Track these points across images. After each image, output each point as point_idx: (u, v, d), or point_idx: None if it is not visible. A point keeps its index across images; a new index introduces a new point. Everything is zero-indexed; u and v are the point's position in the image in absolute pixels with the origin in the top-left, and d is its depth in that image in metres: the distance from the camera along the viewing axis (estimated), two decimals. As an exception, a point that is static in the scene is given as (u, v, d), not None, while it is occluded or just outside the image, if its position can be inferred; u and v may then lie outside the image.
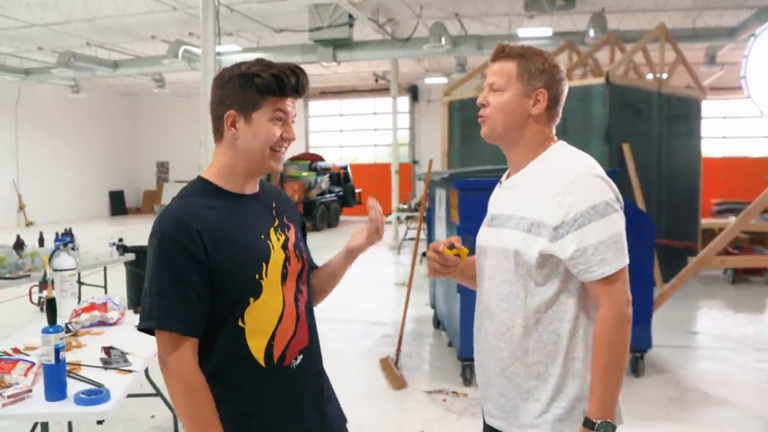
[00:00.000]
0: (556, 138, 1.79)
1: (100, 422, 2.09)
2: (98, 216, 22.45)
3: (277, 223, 1.70)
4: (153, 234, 1.54)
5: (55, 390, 2.12)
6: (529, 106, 1.72)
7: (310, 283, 1.76)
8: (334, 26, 11.75)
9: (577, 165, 1.67)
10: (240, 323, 1.56)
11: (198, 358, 1.54)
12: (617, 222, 1.62)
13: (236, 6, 11.60)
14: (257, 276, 1.57)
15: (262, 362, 1.58)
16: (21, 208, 19.22)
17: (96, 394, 2.13)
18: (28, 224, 18.74)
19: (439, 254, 1.81)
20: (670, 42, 9.29)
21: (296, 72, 1.59)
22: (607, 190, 1.63)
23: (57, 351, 2.09)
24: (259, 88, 1.56)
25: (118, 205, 23.66)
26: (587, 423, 1.58)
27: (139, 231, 16.26)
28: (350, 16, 11.63)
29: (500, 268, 1.73)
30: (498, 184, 1.89)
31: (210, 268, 1.51)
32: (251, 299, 1.56)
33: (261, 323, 1.58)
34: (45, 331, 2.08)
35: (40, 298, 7.17)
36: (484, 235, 1.84)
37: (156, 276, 1.51)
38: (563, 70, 1.76)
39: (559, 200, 1.61)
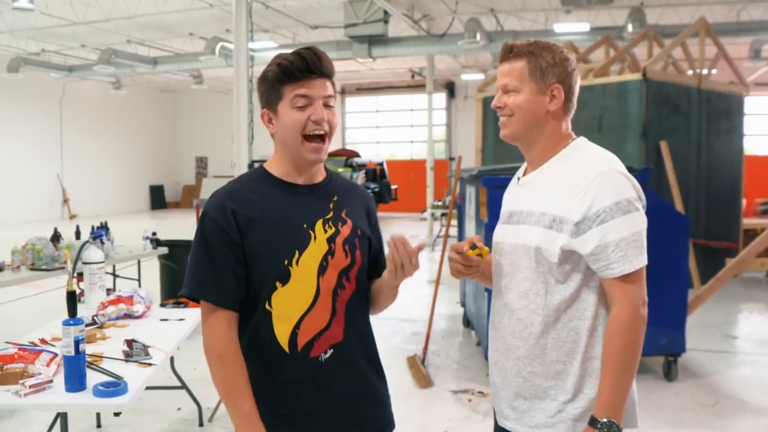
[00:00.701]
0: (574, 134, 1.76)
1: (116, 414, 2.11)
2: (139, 210, 22.96)
3: (330, 215, 1.68)
4: (201, 214, 1.65)
5: (75, 381, 2.15)
6: (545, 103, 1.69)
7: (362, 282, 1.71)
8: (369, 22, 11.74)
9: (600, 161, 1.65)
10: (267, 306, 1.60)
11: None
12: (639, 221, 1.60)
13: (272, 3, 11.70)
14: (286, 262, 1.59)
15: (285, 348, 1.60)
16: (65, 201, 19.77)
17: (114, 386, 2.16)
18: (72, 217, 19.29)
19: (461, 255, 1.78)
20: (711, 36, 9.00)
21: (302, 54, 1.58)
22: (629, 188, 1.61)
23: (77, 343, 2.12)
24: (271, 81, 1.61)
25: (157, 199, 24.16)
26: (592, 421, 1.58)
27: (176, 225, 16.56)
28: (385, 12, 11.60)
29: (520, 265, 1.71)
30: (515, 181, 1.86)
31: (243, 247, 1.59)
32: (278, 284, 1.58)
33: (287, 309, 1.60)
34: (65, 323, 2.11)
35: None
36: (502, 233, 1.82)
37: (195, 251, 1.62)
38: (574, 61, 1.72)
39: (582, 196, 1.59)
